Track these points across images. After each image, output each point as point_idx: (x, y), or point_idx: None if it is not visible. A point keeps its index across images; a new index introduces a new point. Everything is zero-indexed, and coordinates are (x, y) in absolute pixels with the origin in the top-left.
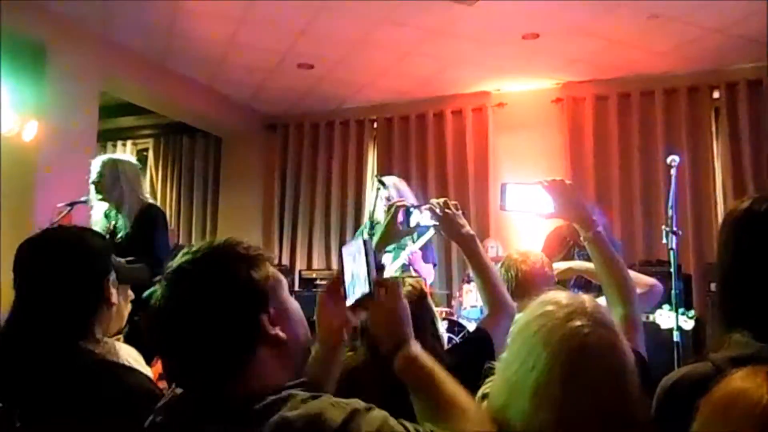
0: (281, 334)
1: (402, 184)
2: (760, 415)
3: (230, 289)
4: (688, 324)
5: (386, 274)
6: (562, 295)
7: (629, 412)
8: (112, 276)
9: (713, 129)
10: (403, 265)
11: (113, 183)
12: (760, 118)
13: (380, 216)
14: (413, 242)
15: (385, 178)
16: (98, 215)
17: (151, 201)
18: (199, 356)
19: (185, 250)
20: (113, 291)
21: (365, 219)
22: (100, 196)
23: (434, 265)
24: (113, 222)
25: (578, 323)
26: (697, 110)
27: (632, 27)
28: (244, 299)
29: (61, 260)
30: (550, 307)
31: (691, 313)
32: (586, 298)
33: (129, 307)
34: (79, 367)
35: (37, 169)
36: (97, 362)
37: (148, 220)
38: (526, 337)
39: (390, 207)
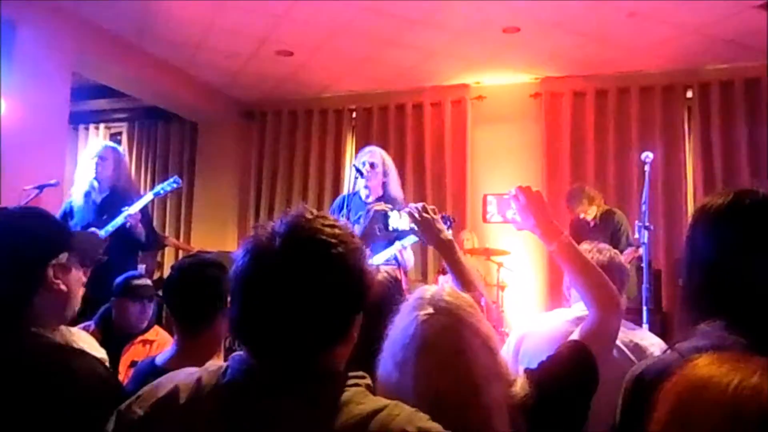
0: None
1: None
2: (728, 404)
3: (358, 275)
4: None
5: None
6: (431, 288)
7: (469, 392)
8: (62, 259)
9: (686, 127)
10: (389, 259)
11: None
12: (730, 118)
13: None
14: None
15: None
16: None
17: None
18: (312, 327)
19: (305, 222)
20: (62, 276)
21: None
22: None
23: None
24: None
25: (420, 312)
26: (671, 108)
27: (611, 25)
28: (364, 286)
29: None
30: (410, 300)
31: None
32: (446, 288)
33: (81, 290)
34: (23, 351)
35: (4, 150)
36: (43, 345)
37: None
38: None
39: (368, 211)
